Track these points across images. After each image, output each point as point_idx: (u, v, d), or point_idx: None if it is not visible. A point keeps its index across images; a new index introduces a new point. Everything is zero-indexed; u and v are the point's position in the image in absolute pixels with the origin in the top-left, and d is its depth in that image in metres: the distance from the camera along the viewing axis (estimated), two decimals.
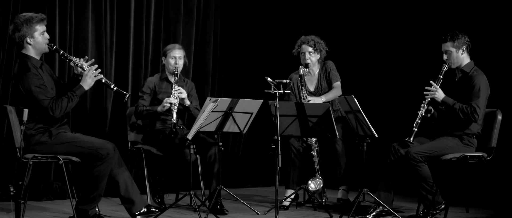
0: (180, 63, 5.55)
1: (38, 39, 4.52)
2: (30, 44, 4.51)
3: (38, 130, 4.51)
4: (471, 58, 5.01)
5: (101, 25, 6.07)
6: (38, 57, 4.57)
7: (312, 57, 5.62)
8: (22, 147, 4.44)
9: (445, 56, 5.00)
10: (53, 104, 4.44)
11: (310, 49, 5.62)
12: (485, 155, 4.93)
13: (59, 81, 4.74)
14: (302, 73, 5.51)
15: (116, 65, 6.22)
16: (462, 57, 4.97)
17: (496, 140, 4.97)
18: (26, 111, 4.39)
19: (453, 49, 4.96)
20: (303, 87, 5.49)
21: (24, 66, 4.47)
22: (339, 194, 5.64)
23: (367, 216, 4.94)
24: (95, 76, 4.59)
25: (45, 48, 4.57)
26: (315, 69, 5.72)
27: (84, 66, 4.61)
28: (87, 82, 4.57)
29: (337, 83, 5.65)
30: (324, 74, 5.70)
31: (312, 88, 5.71)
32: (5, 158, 5.56)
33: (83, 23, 5.97)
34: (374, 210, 4.96)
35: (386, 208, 4.89)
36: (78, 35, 5.96)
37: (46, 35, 4.57)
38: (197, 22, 6.83)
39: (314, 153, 5.46)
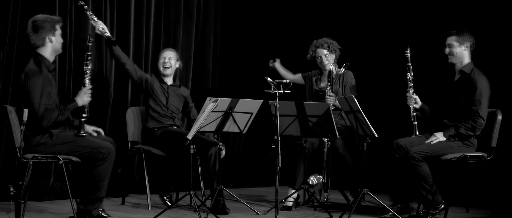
0: (171, 63, 5.71)
1: (58, 39, 4.63)
2: (50, 42, 4.59)
3: (38, 131, 4.51)
4: (472, 59, 5.01)
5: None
6: (51, 59, 4.65)
7: (328, 58, 5.65)
8: (22, 147, 4.45)
9: (447, 50, 5.01)
10: (45, 113, 4.44)
11: (325, 51, 5.65)
12: (485, 155, 4.93)
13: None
14: (333, 69, 5.52)
15: (116, 66, 6.21)
16: (464, 54, 4.97)
17: (496, 140, 4.97)
18: (26, 110, 4.39)
19: (456, 43, 4.97)
20: (330, 84, 5.50)
21: (39, 65, 4.53)
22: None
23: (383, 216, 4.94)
24: (90, 97, 4.68)
25: (60, 48, 4.69)
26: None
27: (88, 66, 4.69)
28: (84, 98, 4.64)
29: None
30: (340, 81, 5.67)
31: (322, 85, 5.71)
32: (5, 158, 5.56)
33: (83, 23, 5.96)
34: (389, 211, 4.93)
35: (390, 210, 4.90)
36: (78, 35, 5.95)
37: (61, 39, 4.69)
38: (197, 22, 6.83)
39: (325, 150, 5.46)
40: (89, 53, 4.72)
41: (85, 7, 5.22)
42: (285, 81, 4.81)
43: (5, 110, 4.60)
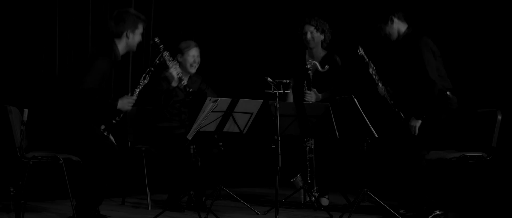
0: (198, 60, 5.49)
1: (136, 37, 4.70)
2: (127, 37, 4.66)
3: (70, 107, 4.54)
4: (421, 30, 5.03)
5: (101, 25, 6.07)
6: (122, 53, 4.71)
7: (314, 35, 5.51)
8: (23, 146, 4.46)
9: (382, 33, 5.06)
10: (89, 91, 4.45)
11: (312, 28, 5.50)
12: (485, 155, 4.92)
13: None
14: (309, 67, 5.42)
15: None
16: (396, 27, 5.01)
17: (496, 140, 4.96)
18: (26, 110, 4.40)
19: (384, 25, 5.00)
20: (307, 82, 5.43)
21: (111, 52, 4.60)
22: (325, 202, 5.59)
23: None
24: (130, 108, 4.74)
25: (134, 47, 4.75)
26: (319, 52, 5.58)
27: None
28: (124, 105, 4.70)
29: None
30: (329, 64, 5.48)
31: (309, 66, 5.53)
32: (5, 158, 5.56)
33: (83, 23, 5.97)
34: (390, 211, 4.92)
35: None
36: (78, 35, 5.96)
37: (140, 38, 4.73)
38: (197, 22, 6.83)
39: (307, 149, 5.44)
40: (152, 69, 4.78)
41: (165, 54, 4.99)
42: (285, 81, 4.81)
43: (5, 109, 4.61)
